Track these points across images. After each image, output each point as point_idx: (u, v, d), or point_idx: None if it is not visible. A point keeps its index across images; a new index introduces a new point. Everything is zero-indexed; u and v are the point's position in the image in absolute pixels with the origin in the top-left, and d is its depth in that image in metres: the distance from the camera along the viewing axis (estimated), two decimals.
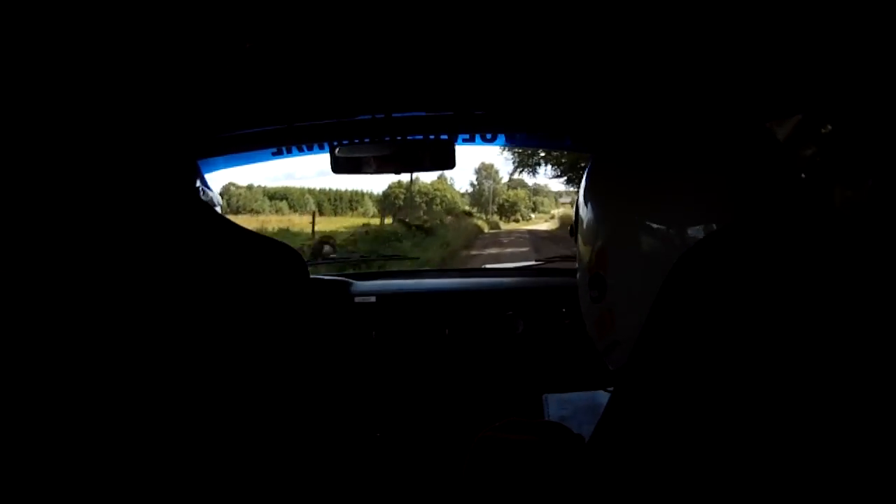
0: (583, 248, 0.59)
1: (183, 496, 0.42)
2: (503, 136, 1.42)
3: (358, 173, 1.30)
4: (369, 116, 1.21)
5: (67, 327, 0.39)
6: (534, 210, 28.33)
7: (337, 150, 1.26)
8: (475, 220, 21.47)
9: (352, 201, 23.78)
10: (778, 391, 0.32)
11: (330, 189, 23.19)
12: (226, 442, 0.44)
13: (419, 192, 22.39)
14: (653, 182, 0.51)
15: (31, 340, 0.39)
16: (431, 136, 1.27)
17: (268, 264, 0.51)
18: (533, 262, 1.72)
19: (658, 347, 0.38)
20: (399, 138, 1.25)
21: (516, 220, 26.10)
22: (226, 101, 1.06)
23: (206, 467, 0.43)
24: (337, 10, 0.66)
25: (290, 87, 1.07)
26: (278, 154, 1.50)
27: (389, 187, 21.93)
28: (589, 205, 0.58)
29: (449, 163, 1.26)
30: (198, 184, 0.89)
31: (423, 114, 1.25)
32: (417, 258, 2.05)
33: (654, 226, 0.50)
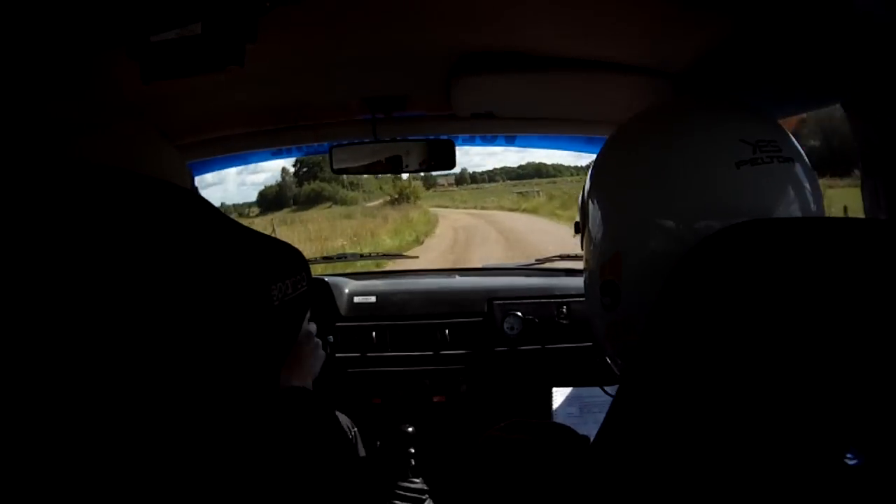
0: (591, 250, 0.56)
1: (177, 497, 0.42)
2: (503, 136, 1.42)
3: (358, 174, 1.30)
4: (370, 116, 1.21)
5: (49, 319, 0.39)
6: None
7: (336, 150, 1.26)
8: None
9: None
10: (786, 393, 0.32)
11: None
12: (221, 444, 0.44)
13: None
14: (665, 175, 0.48)
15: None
16: (431, 137, 1.28)
17: (268, 262, 0.50)
18: (532, 262, 1.73)
19: (664, 346, 0.38)
20: (399, 138, 1.25)
21: None
22: (224, 100, 1.06)
23: (200, 469, 0.43)
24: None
25: (289, 87, 1.07)
26: (278, 154, 1.50)
27: None
28: (597, 203, 0.55)
29: (450, 163, 1.26)
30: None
31: (424, 114, 1.25)
32: (417, 257, 2.07)
33: (670, 224, 0.47)
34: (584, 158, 1.67)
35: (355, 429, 1.07)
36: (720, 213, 0.46)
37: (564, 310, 1.41)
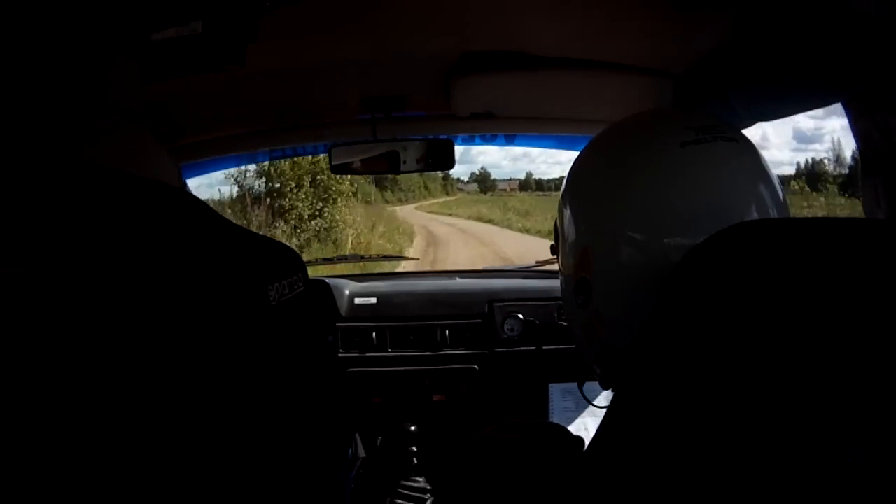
0: (565, 256, 0.58)
1: (174, 499, 0.41)
2: (503, 136, 1.42)
3: (357, 173, 1.30)
4: (369, 116, 1.21)
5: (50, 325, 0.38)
6: None
7: (335, 149, 1.26)
8: None
9: None
10: (789, 393, 0.32)
11: None
12: (219, 445, 0.44)
13: None
14: (621, 166, 0.51)
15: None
16: (431, 136, 1.28)
17: (264, 262, 0.50)
18: (532, 264, 1.73)
19: (663, 349, 0.38)
20: (399, 138, 1.25)
21: None
22: (223, 101, 1.06)
23: (198, 471, 0.42)
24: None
25: (288, 87, 1.07)
26: (279, 154, 1.50)
27: None
28: (568, 208, 0.57)
29: (449, 162, 1.26)
30: None
31: (423, 114, 1.25)
32: (417, 259, 2.08)
33: (634, 221, 0.50)
34: None
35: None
36: (673, 194, 0.49)
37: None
